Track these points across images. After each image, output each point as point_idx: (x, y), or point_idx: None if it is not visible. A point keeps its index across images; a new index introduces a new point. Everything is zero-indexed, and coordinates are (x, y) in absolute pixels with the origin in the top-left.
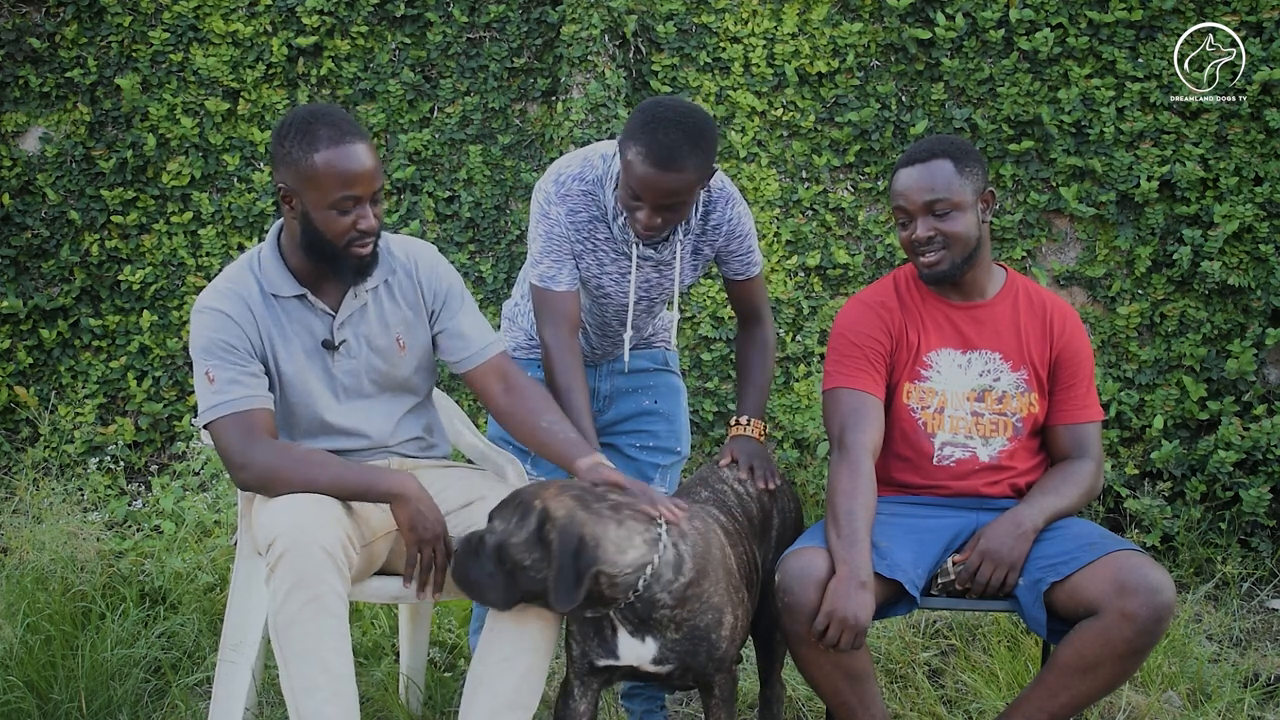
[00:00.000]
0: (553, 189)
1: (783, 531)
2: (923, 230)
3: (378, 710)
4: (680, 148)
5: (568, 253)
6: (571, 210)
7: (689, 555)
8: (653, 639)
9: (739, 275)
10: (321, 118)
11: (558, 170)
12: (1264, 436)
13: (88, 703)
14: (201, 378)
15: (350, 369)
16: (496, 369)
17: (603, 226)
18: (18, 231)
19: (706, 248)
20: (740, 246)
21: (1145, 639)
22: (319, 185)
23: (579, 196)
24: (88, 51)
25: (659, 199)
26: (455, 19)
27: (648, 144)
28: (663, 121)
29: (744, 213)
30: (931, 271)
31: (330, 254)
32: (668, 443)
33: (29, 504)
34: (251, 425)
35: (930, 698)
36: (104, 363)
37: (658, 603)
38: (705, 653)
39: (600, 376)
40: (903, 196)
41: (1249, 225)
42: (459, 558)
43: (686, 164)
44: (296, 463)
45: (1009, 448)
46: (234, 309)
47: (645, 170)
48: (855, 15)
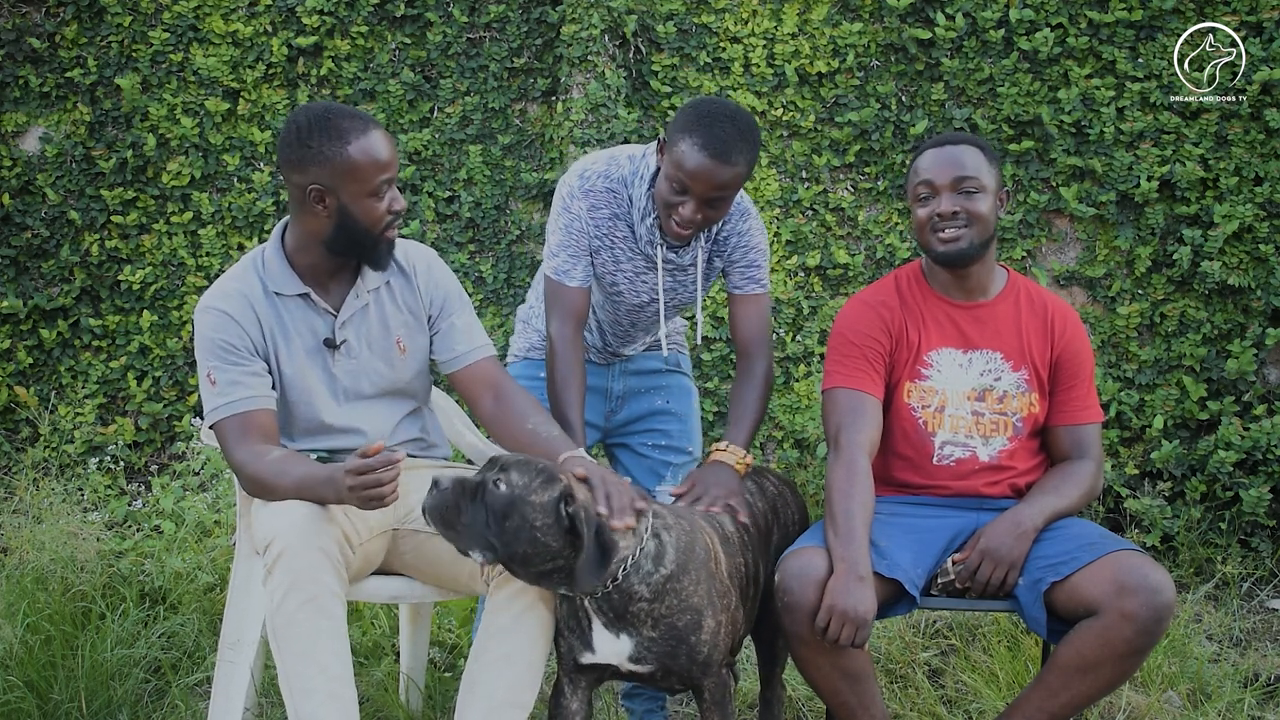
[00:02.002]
0: (577, 184)
1: (783, 543)
2: (947, 205)
3: (378, 710)
4: (735, 142)
5: (585, 249)
6: (594, 206)
7: (671, 549)
8: (628, 636)
9: (738, 289)
10: (338, 112)
11: (583, 166)
12: (1264, 436)
13: (88, 703)
14: (204, 379)
15: (350, 369)
16: (486, 375)
17: (623, 225)
18: (18, 231)
19: (717, 259)
20: (744, 259)
21: (1145, 639)
22: (358, 175)
23: (602, 193)
24: (88, 51)
25: (709, 191)
26: (455, 19)
27: (705, 136)
28: (718, 116)
29: (758, 229)
30: (948, 249)
31: (369, 242)
32: (680, 442)
33: (29, 504)
34: (247, 427)
35: (930, 698)
36: (104, 363)
37: (634, 595)
38: (685, 655)
39: (613, 376)
40: (930, 172)
41: (1249, 225)
42: (447, 495)
43: (740, 158)
44: (269, 466)
45: (1009, 447)
46: (235, 308)
47: (700, 160)
48: (855, 15)
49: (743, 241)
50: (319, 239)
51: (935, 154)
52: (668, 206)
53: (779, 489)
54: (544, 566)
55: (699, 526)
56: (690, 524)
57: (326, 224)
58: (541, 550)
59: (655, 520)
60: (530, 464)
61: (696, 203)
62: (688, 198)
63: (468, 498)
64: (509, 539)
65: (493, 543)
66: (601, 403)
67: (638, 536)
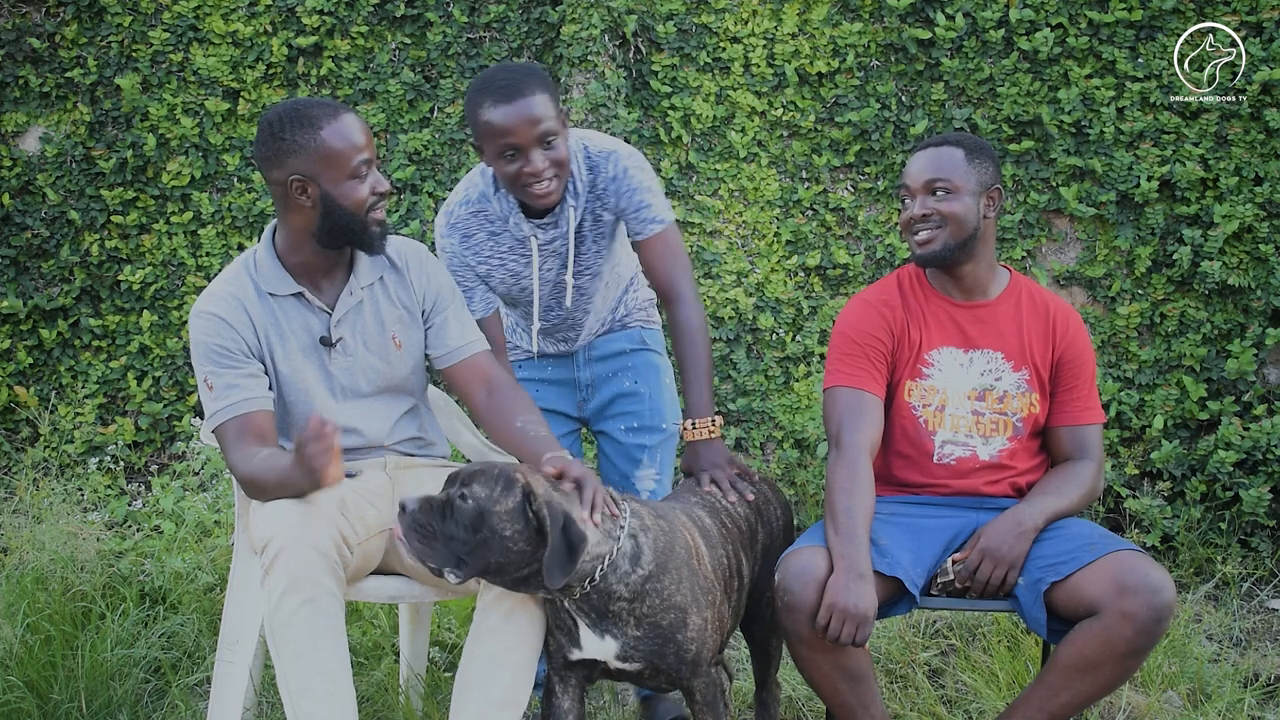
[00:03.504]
0: (443, 224)
1: (769, 543)
2: (919, 208)
3: (378, 710)
4: (518, 79)
5: (475, 278)
6: (465, 235)
7: (649, 548)
8: (612, 637)
9: (638, 234)
10: (306, 103)
11: (445, 208)
12: (1264, 436)
13: (88, 703)
14: (202, 385)
15: (347, 367)
16: (479, 370)
17: (504, 235)
18: (18, 231)
19: (605, 213)
20: (630, 202)
21: (1145, 639)
22: (335, 159)
23: (468, 219)
24: (88, 51)
25: (531, 131)
26: (455, 19)
27: (489, 90)
28: (492, 74)
29: (634, 165)
30: (923, 251)
31: (358, 228)
32: (650, 421)
33: (29, 504)
34: (244, 430)
35: (930, 698)
36: (104, 363)
37: (614, 594)
38: (673, 654)
39: (579, 366)
40: (907, 176)
41: (1249, 225)
42: (416, 516)
43: (532, 88)
44: (257, 466)
45: (1009, 447)
46: (228, 311)
47: (502, 112)
48: (855, 15)
49: (620, 186)
50: (308, 233)
51: (916, 157)
52: (515, 179)
53: (761, 488)
54: (520, 573)
55: (679, 525)
56: (670, 523)
57: (312, 215)
58: (515, 558)
59: (633, 520)
60: (487, 472)
61: (530, 150)
62: (519, 155)
63: (437, 515)
64: (482, 551)
65: (464, 559)
66: (572, 393)
67: (614, 538)
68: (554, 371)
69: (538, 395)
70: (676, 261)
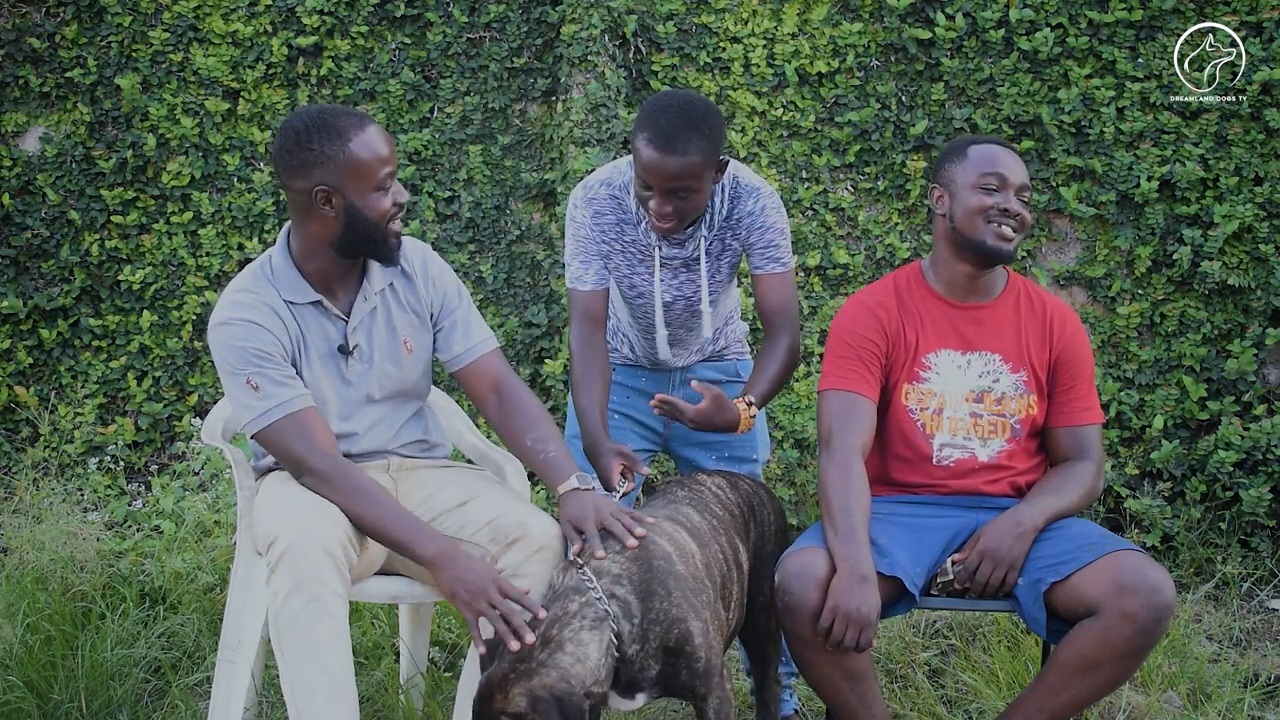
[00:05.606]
0: (580, 194)
1: (760, 545)
2: (1016, 205)
3: (378, 710)
4: (682, 131)
5: (594, 253)
6: (598, 214)
7: (630, 590)
8: (640, 691)
9: (759, 269)
10: (332, 112)
11: (586, 181)
12: (1264, 436)
13: (88, 703)
14: (243, 387)
15: (362, 373)
16: (489, 373)
17: (630, 229)
18: (18, 231)
19: (735, 242)
20: (761, 239)
21: (1145, 639)
22: (363, 172)
23: (605, 200)
24: (88, 51)
25: (665, 183)
26: (455, 19)
27: (651, 129)
28: (665, 109)
29: (772, 207)
30: (999, 245)
31: (378, 238)
32: (743, 452)
33: (29, 504)
34: (307, 425)
35: (930, 698)
36: (104, 363)
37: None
38: (686, 669)
39: (673, 386)
40: (1005, 168)
41: (1249, 225)
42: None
43: (689, 147)
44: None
45: (1007, 449)
46: (263, 318)
47: (650, 154)
48: (855, 15)
49: (755, 222)
50: (327, 242)
51: (1006, 154)
52: (642, 203)
53: (753, 488)
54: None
55: (651, 537)
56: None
57: (334, 225)
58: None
59: (602, 583)
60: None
61: (660, 196)
62: (652, 192)
63: None
64: None
65: None
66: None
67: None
68: (648, 383)
69: (628, 403)
70: (787, 300)
